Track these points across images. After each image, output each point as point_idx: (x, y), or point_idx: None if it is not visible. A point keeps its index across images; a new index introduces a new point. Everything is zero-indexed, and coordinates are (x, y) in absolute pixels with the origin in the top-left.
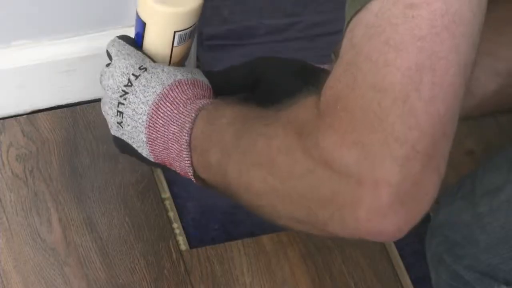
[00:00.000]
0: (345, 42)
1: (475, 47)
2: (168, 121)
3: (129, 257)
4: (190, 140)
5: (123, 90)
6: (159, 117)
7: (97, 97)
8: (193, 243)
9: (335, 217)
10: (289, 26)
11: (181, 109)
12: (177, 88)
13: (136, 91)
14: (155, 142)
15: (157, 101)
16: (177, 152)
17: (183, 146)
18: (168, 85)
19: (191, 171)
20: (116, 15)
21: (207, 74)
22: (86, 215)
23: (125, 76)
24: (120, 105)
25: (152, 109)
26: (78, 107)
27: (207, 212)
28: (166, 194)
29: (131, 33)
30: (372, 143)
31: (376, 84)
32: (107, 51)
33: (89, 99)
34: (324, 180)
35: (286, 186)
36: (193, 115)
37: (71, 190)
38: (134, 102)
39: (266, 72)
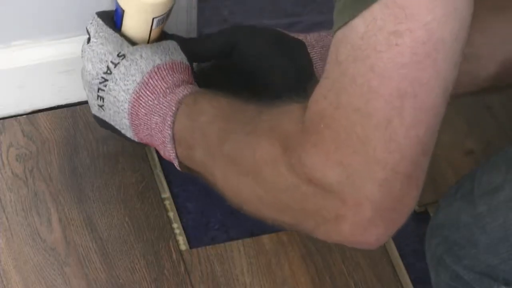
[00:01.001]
0: (331, 57)
1: (457, 66)
2: (150, 111)
3: (129, 257)
4: (173, 133)
5: (102, 77)
6: (141, 106)
7: None
8: (193, 243)
9: (320, 228)
10: (289, 26)
11: (161, 99)
12: (156, 75)
13: (116, 79)
14: (139, 128)
15: (137, 89)
16: (161, 142)
17: (166, 139)
18: (147, 72)
19: (176, 162)
20: None
21: (184, 41)
22: (86, 215)
23: (103, 63)
24: (100, 91)
25: (133, 97)
26: (78, 107)
27: (207, 212)
28: (166, 194)
29: None
30: (354, 164)
31: (360, 108)
32: (86, 28)
33: None
34: (308, 196)
35: (272, 196)
36: (174, 108)
37: (71, 190)
38: (115, 90)
39: (242, 40)
